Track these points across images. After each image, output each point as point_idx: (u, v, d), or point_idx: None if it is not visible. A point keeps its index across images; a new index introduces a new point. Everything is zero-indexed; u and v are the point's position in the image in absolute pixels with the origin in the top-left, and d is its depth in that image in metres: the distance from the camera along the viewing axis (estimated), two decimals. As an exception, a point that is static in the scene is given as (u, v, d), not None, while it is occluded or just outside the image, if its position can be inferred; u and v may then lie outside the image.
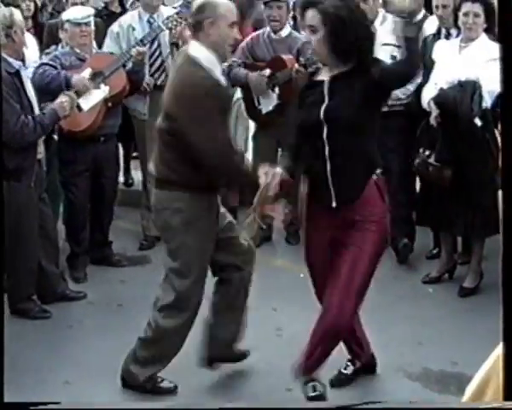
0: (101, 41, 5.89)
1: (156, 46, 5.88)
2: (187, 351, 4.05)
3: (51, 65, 5.31)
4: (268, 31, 5.90)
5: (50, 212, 5.14)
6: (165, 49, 5.87)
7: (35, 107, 4.83)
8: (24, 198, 4.72)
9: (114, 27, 5.94)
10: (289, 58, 5.73)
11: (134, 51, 5.45)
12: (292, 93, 4.79)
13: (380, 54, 5.23)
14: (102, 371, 4.19)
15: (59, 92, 4.98)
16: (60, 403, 1.92)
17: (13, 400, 2.06)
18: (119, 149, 6.22)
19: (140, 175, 6.60)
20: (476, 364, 1.76)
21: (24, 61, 5.05)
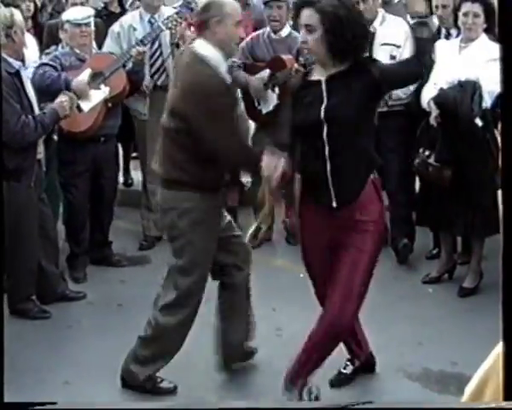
0: (101, 41, 5.88)
1: (157, 46, 5.87)
2: (187, 350, 4.04)
3: (51, 65, 5.30)
4: (268, 31, 5.89)
5: (50, 212, 5.14)
6: (165, 49, 5.86)
7: (35, 107, 4.83)
8: (24, 198, 4.71)
9: (115, 27, 5.93)
10: (289, 58, 5.73)
11: (134, 51, 5.45)
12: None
13: (379, 54, 5.29)
14: (102, 371, 4.19)
15: (58, 95, 4.98)
16: (56, 403, 1.92)
17: (13, 400, 2.05)
18: (119, 150, 6.22)
19: (139, 175, 6.60)
20: (476, 364, 1.76)
21: (24, 62, 5.05)
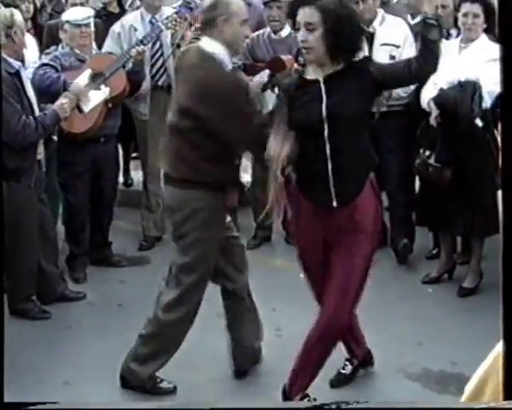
0: (100, 42, 5.88)
1: (158, 47, 5.87)
2: (187, 350, 4.04)
3: (52, 65, 5.30)
4: (268, 31, 5.89)
5: (49, 212, 5.14)
6: (166, 49, 5.85)
7: (35, 107, 4.83)
8: (23, 199, 4.71)
9: (116, 27, 5.92)
10: (288, 59, 5.70)
11: (133, 52, 5.44)
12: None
13: (379, 54, 5.29)
14: (102, 371, 4.19)
15: (57, 96, 4.98)
16: (57, 403, 1.92)
17: (13, 400, 2.05)
18: (119, 150, 6.22)
19: (139, 175, 6.59)
20: (476, 364, 1.76)
21: (23, 62, 5.05)
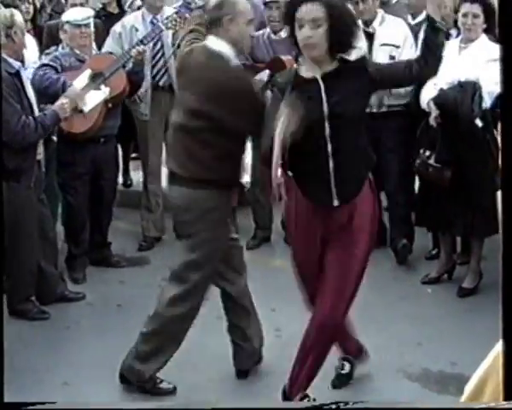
0: (100, 42, 5.88)
1: (159, 47, 5.87)
2: (187, 350, 4.04)
3: (52, 66, 5.30)
4: (268, 31, 5.88)
5: (49, 213, 5.13)
6: (167, 50, 5.85)
7: (35, 108, 4.82)
8: (23, 199, 4.70)
9: (117, 28, 5.93)
10: (288, 59, 5.70)
11: (133, 52, 5.44)
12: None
13: (379, 54, 5.30)
14: (101, 371, 4.19)
15: (56, 97, 4.98)
16: (57, 403, 1.92)
17: (12, 400, 2.05)
18: (118, 150, 6.22)
19: (139, 176, 6.59)
20: (475, 364, 1.76)
21: (23, 62, 5.05)
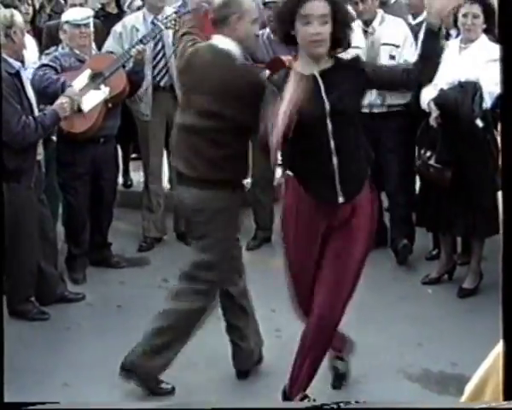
0: (100, 42, 5.87)
1: (160, 47, 5.87)
2: (187, 350, 4.03)
3: (51, 66, 5.29)
4: (268, 32, 5.89)
5: (49, 213, 5.13)
6: (168, 50, 5.84)
7: (35, 108, 4.82)
8: (23, 199, 4.70)
9: (118, 28, 5.93)
10: (288, 59, 5.71)
11: (134, 51, 5.44)
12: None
13: (379, 54, 5.30)
14: (101, 372, 4.18)
15: (55, 97, 4.98)
16: (57, 403, 1.91)
17: (13, 400, 2.05)
18: (118, 151, 6.21)
19: (138, 176, 6.59)
20: (476, 365, 1.76)
21: (23, 63, 5.04)
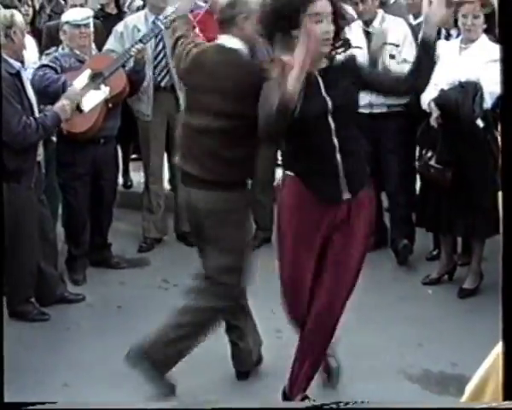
0: (99, 43, 5.87)
1: (161, 47, 5.87)
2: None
3: (51, 67, 5.30)
4: (267, 32, 5.88)
5: (49, 214, 5.13)
6: (169, 50, 5.83)
7: (35, 108, 4.82)
8: (23, 200, 4.70)
9: (119, 27, 5.93)
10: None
11: (133, 50, 5.44)
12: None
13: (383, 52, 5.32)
14: (101, 373, 4.19)
15: (56, 97, 4.98)
16: (56, 403, 1.91)
17: (13, 400, 2.05)
18: (118, 151, 6.21)
19: (139, 177, 6.58)
20: (476, 365, 1.76)
21: (23, 63, 5.04)
